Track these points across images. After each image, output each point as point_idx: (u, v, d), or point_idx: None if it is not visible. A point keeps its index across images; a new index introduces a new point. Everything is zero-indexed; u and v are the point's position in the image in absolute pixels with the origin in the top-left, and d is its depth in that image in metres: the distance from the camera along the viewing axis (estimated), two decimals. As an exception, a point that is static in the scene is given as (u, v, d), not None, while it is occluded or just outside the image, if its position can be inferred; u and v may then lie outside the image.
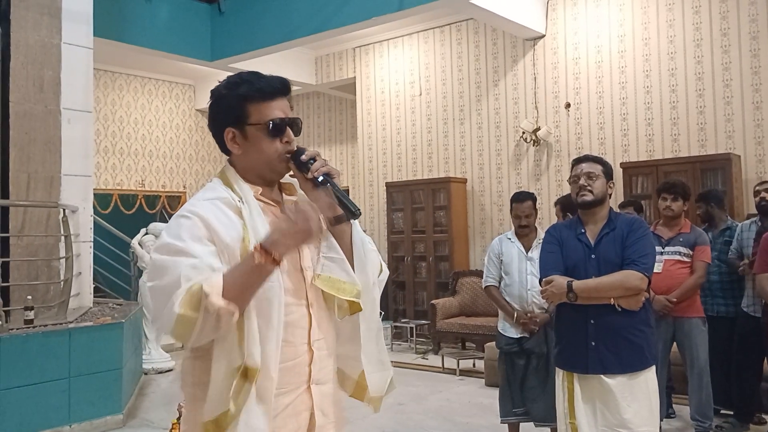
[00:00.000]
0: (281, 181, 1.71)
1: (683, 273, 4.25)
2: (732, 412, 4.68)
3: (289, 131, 1.62)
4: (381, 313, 1.85)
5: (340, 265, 1.64)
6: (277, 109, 1.61)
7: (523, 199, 4.13)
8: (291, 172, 1.67)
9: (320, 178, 1.58)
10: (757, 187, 4.74)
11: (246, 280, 1.43)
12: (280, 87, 1.63)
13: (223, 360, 1.47)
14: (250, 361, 1.45)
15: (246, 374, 1.45)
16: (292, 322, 1.57)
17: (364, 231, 1.79)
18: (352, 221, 1.66)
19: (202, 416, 1.48)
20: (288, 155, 1.62)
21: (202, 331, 1.41)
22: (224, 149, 1.66)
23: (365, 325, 1.71)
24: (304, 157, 1.60)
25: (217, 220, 1.51)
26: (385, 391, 1.78)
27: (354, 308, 1.65)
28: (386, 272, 1.78)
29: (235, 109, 1.60)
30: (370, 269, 1.71)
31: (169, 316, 1.40)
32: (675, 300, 4.16)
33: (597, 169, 2.94)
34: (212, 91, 1.66)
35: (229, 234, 1.51)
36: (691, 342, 4.30)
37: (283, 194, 1.71)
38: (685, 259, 4.28)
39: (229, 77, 1.65)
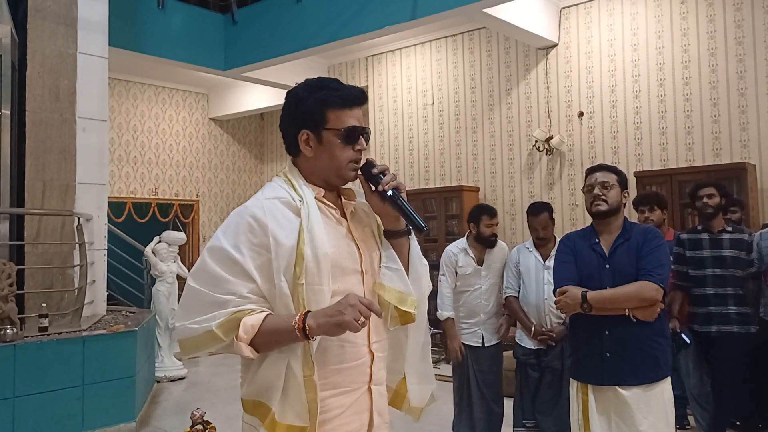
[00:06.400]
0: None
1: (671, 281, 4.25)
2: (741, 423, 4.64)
3: (362, 140, 1.68)
4: (431, 329, 1.92)
5: (399, 276, 1.69)
6: (353, 118, 1.66)
7: (538, 212, 4.04)
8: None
9: (389, 192, 1.63)
10: None
11: (277, 336, 1.52)
12: (358, 96, 1.68)
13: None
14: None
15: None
16: None
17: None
18: (410, 236, 1.74)
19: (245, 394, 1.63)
20: (357, 164, 1.67)
21: (216, 348, 1.56)
22: (291, 150, 1.71)
23: (414, 337, 1.75)
24: (375, 170, 1.66)
25: (275, 220, 1.57)
26: (426, 403, 1.84)
27: (406, 319, 1.68)
28: (431, 286, 1.81)
29: (314, 113, 1.64)
30: (424, 283, 1.76)
31: (203, 326, 1.51)
32: (664, 308, 4.15)
33: (612, 178, 2.91)
34: (289, 93, 1.70)
35: (285, 233, 1.56)
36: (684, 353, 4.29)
37: (342, 198, 1.74)
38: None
39: (307, 80, 1.70)
